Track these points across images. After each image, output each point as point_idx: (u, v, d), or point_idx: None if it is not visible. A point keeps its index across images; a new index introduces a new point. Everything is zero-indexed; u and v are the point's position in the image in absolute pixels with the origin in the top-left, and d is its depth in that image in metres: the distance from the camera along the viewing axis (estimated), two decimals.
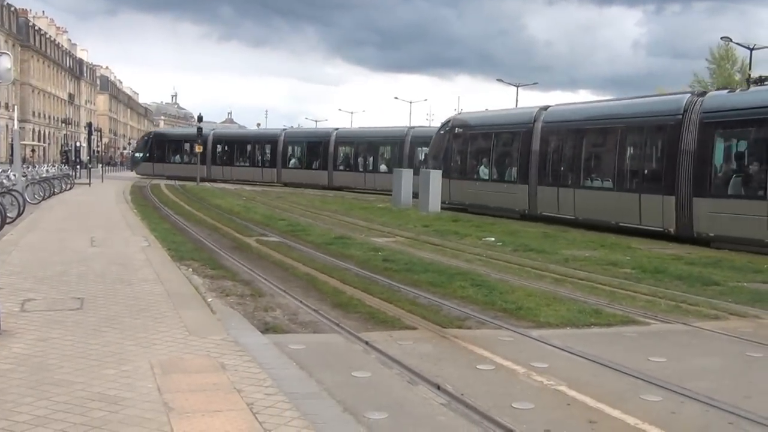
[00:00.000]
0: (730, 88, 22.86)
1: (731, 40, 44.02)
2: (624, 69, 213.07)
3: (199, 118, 51.20)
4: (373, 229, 18.76)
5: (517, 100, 62.66)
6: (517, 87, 63.11)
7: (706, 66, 53.80)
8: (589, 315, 8.18)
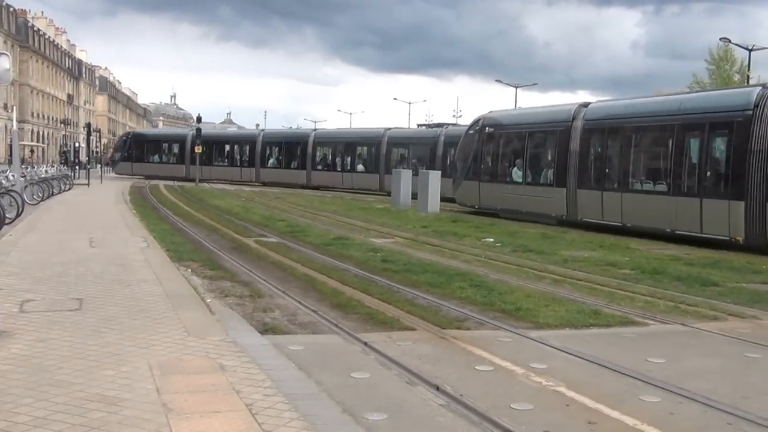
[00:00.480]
0: None
1: (730, 41, 43.99)
2: (623, 69, 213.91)
3: (198, 119, 51.11)
4: (372, 229, 18.76)
5: (516, 101, 62.76)
6: (516, 88, 63.43)
7: (705, 67, 53.77)
8: (588, 316, 8.18)
